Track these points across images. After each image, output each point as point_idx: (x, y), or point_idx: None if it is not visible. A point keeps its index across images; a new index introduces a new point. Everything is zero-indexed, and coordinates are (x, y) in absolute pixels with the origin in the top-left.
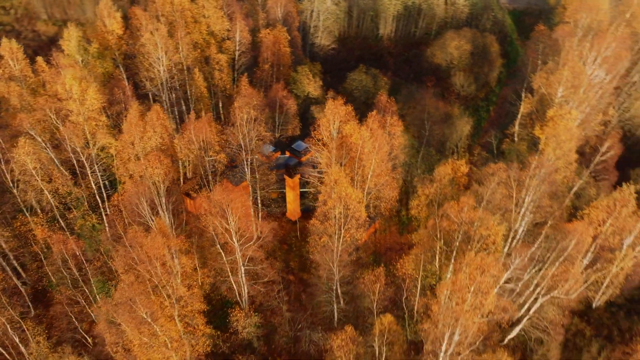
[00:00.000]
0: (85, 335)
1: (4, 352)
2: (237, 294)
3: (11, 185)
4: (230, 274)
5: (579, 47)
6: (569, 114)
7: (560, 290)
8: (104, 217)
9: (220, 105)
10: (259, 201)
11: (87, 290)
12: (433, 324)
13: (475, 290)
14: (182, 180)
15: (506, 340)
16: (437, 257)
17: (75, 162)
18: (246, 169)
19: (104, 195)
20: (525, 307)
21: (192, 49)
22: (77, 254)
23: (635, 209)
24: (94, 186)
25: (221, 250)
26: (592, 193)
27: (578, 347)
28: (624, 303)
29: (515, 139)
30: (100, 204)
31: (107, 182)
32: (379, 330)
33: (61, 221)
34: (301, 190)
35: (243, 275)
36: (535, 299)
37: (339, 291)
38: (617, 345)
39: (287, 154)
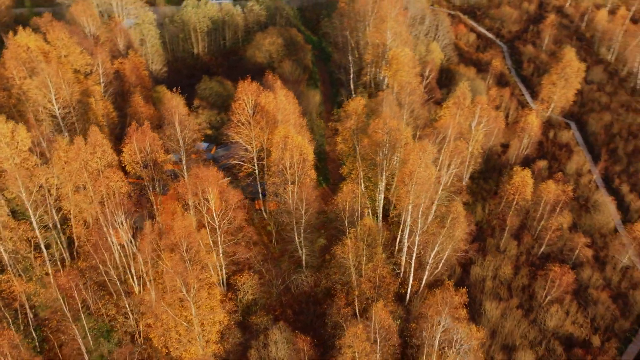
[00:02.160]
0: None
1: None
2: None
3: None
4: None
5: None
6: (403, 52)
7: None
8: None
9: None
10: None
11: None
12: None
13: (424, 163)
14: None
15: None
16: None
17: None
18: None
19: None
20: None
21: (74, 84)
22: None
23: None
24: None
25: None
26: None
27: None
28: (482, 173)
29: (353, 93)
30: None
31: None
32: (362, 230)
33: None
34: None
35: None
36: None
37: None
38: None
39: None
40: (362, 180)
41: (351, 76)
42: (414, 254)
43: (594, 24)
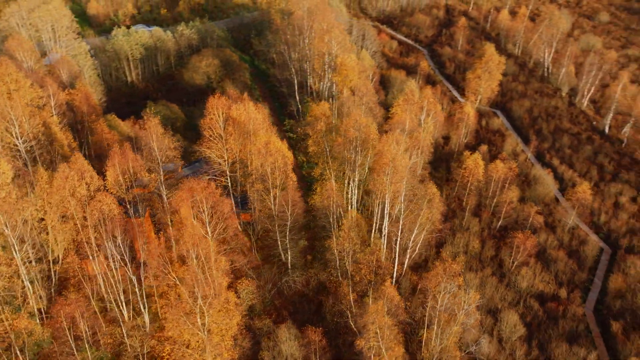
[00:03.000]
0: None
1: None
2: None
3: None
4: None
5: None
6: (349, 58)
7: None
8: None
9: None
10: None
11: None
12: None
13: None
14: None
15: None
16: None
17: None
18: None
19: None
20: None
21: (35, 116)
22: None
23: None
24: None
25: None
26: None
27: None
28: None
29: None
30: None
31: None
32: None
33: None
34: None
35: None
36: None
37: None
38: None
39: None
40: (335, 178)
41: (295, 88)
42: (398, 238)
43: (497, 24)
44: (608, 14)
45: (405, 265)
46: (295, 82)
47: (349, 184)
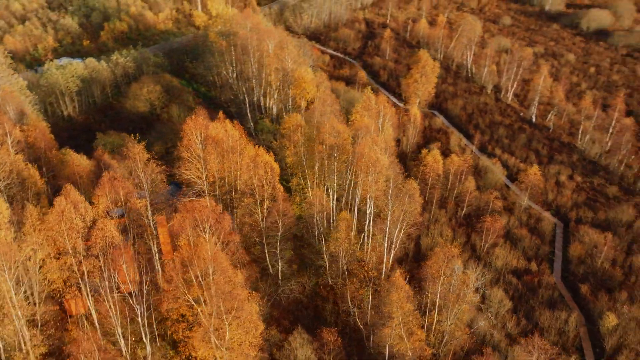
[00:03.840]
0: None
1: None
2: None
3: None
4: None
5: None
6: (306, 71)
7: None
8: None
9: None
10: None
11: None
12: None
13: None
14: None
15: None
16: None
17: None
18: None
19: None
20: None
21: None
22: None
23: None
24: None
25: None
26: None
27: None
28: None
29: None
30: None
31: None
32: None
33: None
34: None
35: None
36: None
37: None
38: None
39: None
40: (315, 185)
41: (247, 106)
42: (387, 234)
43: (415, 33)
44: (509, 17)
45: (391, 260)
46: (247, 100)
47: (328, 189)
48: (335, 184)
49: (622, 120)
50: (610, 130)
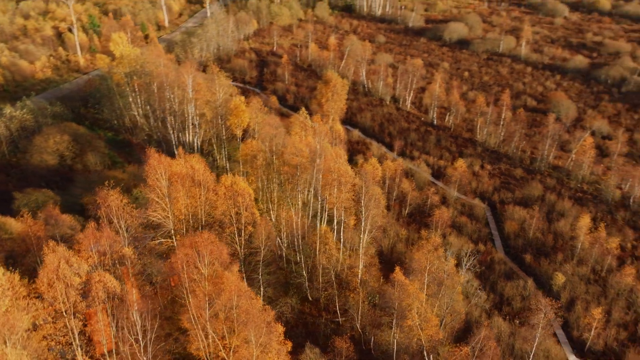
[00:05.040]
0: None
1: None
2: None
3: None
4: None
5: None
6: (240, 99)
7: None
8: None
9: None
10: None
11: None
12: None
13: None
14: None
15: None
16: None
17: None
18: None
19: None
20: None
21: None
22: None
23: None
24: None
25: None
26: None
27: None
28: None
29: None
30: None
31: None
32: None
33: None
34: None
35: None
36: None
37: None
38: None
39: None
40: (285, 204)
41: (173, 143)
42: (363, 239)
43: (305, 57)
44: (383, 36)
45: (360, 266)
46: (173, 138)
47: (294, 205)
48: (311, 201)
49: (508, 112)
50: (502, 123)
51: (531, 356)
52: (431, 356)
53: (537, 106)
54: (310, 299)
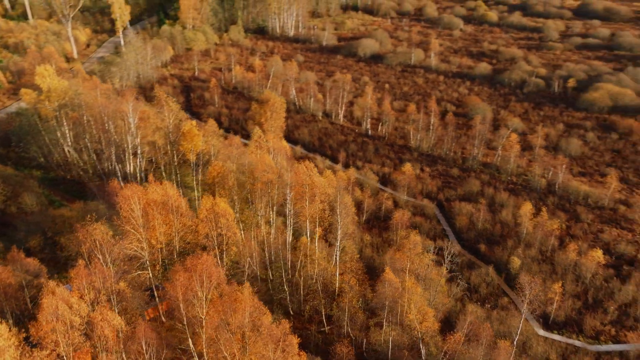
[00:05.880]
0: None
1: None
2: None
3: None
4: None
5: None
6: (192, 124)
7: None
8: None
9: None
10: None
11: None
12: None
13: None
14: None
15: None
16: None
17: None
18: None
19: None
20: None
21: None
22: None
23: None
24: None
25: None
26: None
27: None
28: None
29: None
30: None
31: None
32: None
33: None
34: None
35: None
36: None
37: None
38: None
39: None
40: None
41: (119, 174)
42: (338, 246)
43: (230, 79)
44: (301, 55)
45: (337, 271)
46: (119, 170)
47: (267, 222)
48: (274, 213)
49: (436, 118)
50: (431, 128)
51: (517, 334)
52: (425, 348)
53: (457, 110)
54: (292, 312)
